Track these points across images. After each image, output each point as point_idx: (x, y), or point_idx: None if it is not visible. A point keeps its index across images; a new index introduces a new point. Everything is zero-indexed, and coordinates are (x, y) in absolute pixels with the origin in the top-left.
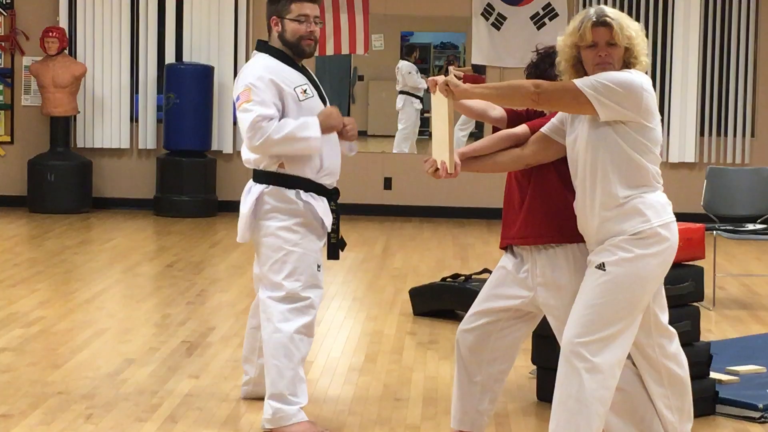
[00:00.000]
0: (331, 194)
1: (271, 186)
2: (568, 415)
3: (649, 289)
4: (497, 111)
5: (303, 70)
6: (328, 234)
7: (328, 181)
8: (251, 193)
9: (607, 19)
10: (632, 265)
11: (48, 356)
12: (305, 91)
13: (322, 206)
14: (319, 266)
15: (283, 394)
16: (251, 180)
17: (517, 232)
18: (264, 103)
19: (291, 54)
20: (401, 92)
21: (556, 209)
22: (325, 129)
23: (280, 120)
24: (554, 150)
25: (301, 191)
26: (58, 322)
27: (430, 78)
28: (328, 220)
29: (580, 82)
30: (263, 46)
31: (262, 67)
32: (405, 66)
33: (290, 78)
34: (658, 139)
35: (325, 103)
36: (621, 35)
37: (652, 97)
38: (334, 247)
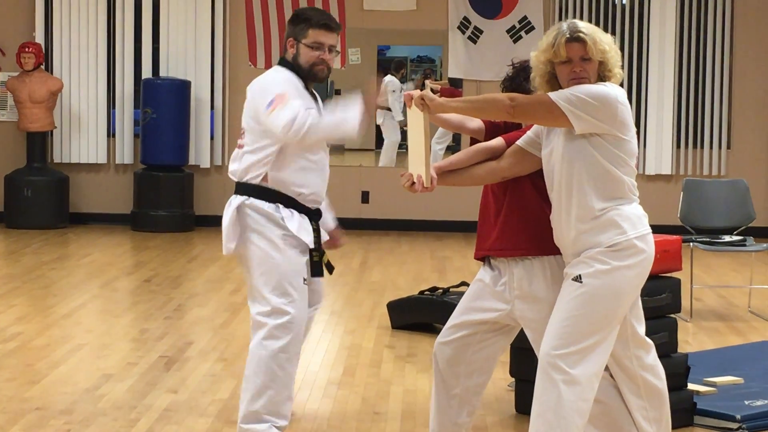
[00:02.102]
0: (312, 214)
1: (251, 198)
2: (547, 428)
3: (626, 300)
4: (475, 122)
5: (310, 94)
6: (311, 251)
7: (311, 204)
8: (231, 204)
9: (581, 34)
10: (609, 277)
11: (25, 372)
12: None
13: (301, 222)
14: (304, 279)
15: (259, 413)
16: (233, 193)
17: (493, 244)
18: (299, 105)
19: (303, 77)
20: (380, 107)
21: (533, 221)
22: (367, 108)
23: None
24: (530, 163)
25: (281, 205)
26: (36, 337)
27: (405, 92)
28: (307, 237)
29: (554, 95)
30: (283, 62)
31: (288, 77)
32: (392, 83)
33: (305, 96)
34: (633, 151)
35: None
36: (595, 50)
37: (626, 110)
38: (318, 265)
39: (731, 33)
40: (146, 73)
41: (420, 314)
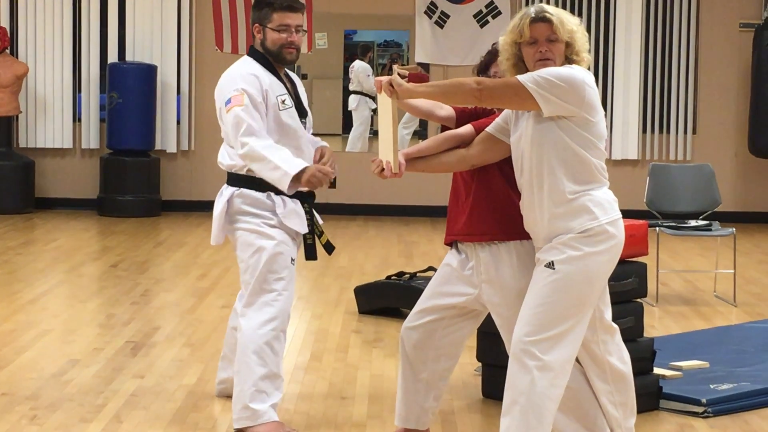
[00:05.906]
0: (305, 197)
1: (242, 189)
2: (520, 414)
3: (598, 286)
4: (445, 110)
5: (283, 79)
6: (304, 235)
7: (301, 187)
8: (223, 195)
9: (547, 14)
10: (581, 263)
11: None
12: (284, 101)
13: (292, 208)
14: (292, 260)
15: (251, 391)
16: (225, 183)
17: (461, 229)
18: (252, 116)
19: (273, 61)
20: (355, 92)
21: (500, 207)
22: (302, 181)
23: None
24: (500, 150)
25: (272, 193)
26: (2, 323)
27: (375, 78)
28: (297, 222)
29: (522, 78)
30: (251, 52)
31: (252, 70)
32: (362, 68)
33: (272, 86)
34: (602, 133)
35: (302, 114)
36: (562, 29)
37: (594, 92)
38: (311, 247)
39: (697, 18)
40: (112, 57)
41: (387, 299)
